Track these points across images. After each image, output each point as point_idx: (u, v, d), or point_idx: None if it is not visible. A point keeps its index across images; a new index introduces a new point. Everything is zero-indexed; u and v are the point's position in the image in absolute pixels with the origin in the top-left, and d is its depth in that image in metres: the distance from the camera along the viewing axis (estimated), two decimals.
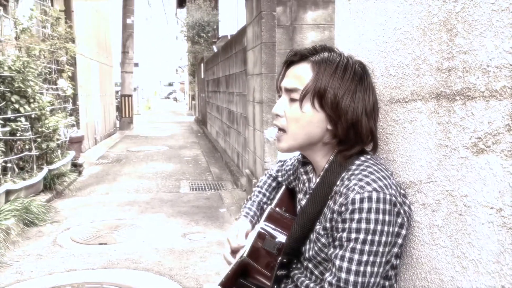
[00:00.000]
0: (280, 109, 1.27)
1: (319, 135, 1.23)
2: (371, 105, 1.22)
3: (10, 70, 5.11)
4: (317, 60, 1.22)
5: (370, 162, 1.20)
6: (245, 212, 1.60)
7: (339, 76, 1.19)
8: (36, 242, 4.34)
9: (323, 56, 1.24)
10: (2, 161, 4.95)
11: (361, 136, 1.21)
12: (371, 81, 1.25)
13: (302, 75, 1.22)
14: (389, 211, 1.09)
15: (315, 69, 1.21)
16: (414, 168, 1.19)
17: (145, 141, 12.57)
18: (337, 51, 1.29)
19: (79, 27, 9.59)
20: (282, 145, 1.29)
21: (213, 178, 7.46)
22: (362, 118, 1.19)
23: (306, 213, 1.27)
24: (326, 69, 1.20)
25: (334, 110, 1.18)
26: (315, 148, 1.28)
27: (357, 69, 1.23)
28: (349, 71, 1.20)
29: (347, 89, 1.18)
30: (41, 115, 5.86)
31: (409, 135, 1.20)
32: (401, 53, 1.21)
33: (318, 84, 1.18)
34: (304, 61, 1.25)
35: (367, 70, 1.27)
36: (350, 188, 1.12)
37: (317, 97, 1.19)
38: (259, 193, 1.65)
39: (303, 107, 1.21)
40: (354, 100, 1.18)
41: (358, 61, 1.26)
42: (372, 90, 1.24)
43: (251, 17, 5.39)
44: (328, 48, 1.28)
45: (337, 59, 1.22)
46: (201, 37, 17.07)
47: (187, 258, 3.89)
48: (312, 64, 1.22)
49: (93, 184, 6.99)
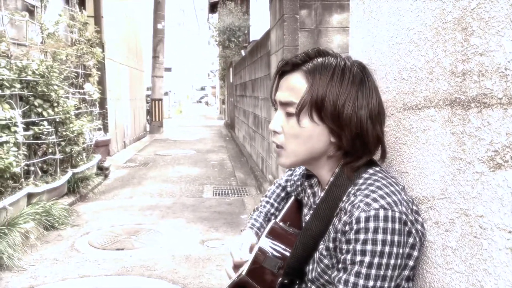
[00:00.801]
0: (277, 125, 1.16)
1: (322, 149, 1.13)
2: (376, 109, 1.10)
3: (34, 74, 5.16)
4: (310, 68, 1.11)
5: (379, 175, 1.09)
6: (251, 223, 1.50)
7: (337, 82, 1.08)
8: (54, 246, 4.34)
9: (317, 62, 1.12)
10: (24, 165, 4.98)
11: (368, 146, 1.10)
12: (373, 82, 1.13)
13: (296, 87, 1.11)
14: (398, 231, 0.98)
15: (309, 79, 1.09)
16: (427, 182, 1.07)
17: (173, 145, 12.62)
18: (333, 53, 1.16)
19: (108, 33, 9.70)
20: (283, 161, 1.18)
21: (237, 183, 7.37)
22: (368, 125, 1.08)
23: (309, 231, 1.16)
24: (321, 77, 1.08)
25: (336, 122, 1.07)
26: (319, 163, 1.18)
27: (356, 71, 1.11)
28: (347, 75, 1.09)
29: (347, 96, 1.07)
30: (65, 119, 5.91)
31: (422, 146, 1.09)
32: (414, 56, 1.11)
33: (315, 95, 1.07)
34: (296, 70, 1.13)
35: (368, 70, 1.14)
36: (355, 205, 1.01)
37: (315, 110, 1.08)
38: (267, 203, 1.54)
39: (301, 122, 1.10)
40: (356, 107, 1.07)
41: (357, 62, 1.15)
42: (375, 91, 1.12)
43: (275, 21, 5.29)
44: (323, 52, 1.15)
45: (333, 64, 1.10)
46: (231, 42, 17.13)
47: (203, 266, 3.79)
48: (305, 73, 1.11)
49: (117, 188, 7.02)
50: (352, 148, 1.09)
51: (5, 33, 4.92)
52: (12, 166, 4.21)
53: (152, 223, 5.07)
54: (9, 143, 4.38)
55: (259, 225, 1.47)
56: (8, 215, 4.36)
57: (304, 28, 4.79)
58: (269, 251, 1.27)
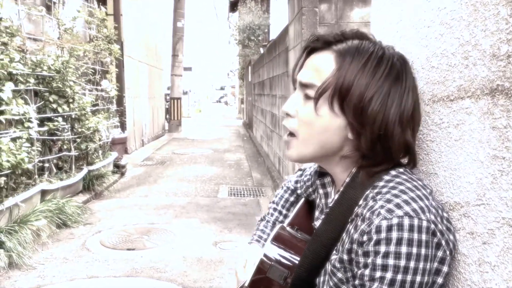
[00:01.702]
0: (291, 107, 1.01)
1: (337, 146, 0.98)
2: (409, 112, 0.94)
3: (50, 69, 5.11)
4: (343, 49, 0.95)
5: (402, 177, 0.93)
6: (258, 235, 1.35)
7: (369, 71, 0.92)
8: (65, 245, 4.26)
9: (351, 44, 0.96)
10: (38, 161, 4.93)
11: (390, 152, 0.94)
12: (412, 81, 0.97)
13: (322, 67, 0.96)
14: (426, 243, 0.83)
15: (338, 61, 0.94)
16: (461, 185, 0.92)
17: (191, 144, 12.57)
18: (373, 38, 1.01)
19: (127, 30, 9.69)
20: (291, 153, 1.03)
21: (253, 183, 7.23)
22: (395, 129, 0.92)
23: (320, 237, 1.01)
24: (353, 61, 0.93)
25: (358, 117, 0.92)
26: (332, 162, 1.03)
27: (395, 63, 0.95)
28: (383, 66, 0.93)
29: (377, 89, 0.92)
30: (81, 116, 5.86)
31: (454, 143, 0.95)
32: (445, 39, 0.97)
33: (340, 81, 0.92)
34: (327, 49, 0.98)
35: (408, 66, 0.98)
36: (374, 212, 0.86)
37: (337, 98, 0.93)
38: (275, 210, 1.39)
39: (318, 109, 0.95)
40: (385, 105, 0.92)
41: (398, 54, 0.98)
42: (413, 92, 0.96)
43: (293, 15, 5.14)
44: (361, 35, 1.00)
45: (370, 50, 0.94)
46: (251, 41, 17.02)
47: (214, 269, 3.66)
48: (335, 54, 0.96)
49: (133, 186, 6.96)
50: (371, 152, 0.94)
51: (21, 27, 4.87)
52: (24, 162, 4.15)
53: (165, 222, 4.97)
54: (22, 139, 4.32)
55: (267, 236, 1.33)
56: (20, 212, 4.31)
57: (323, 23, 4.62)
58: (274, 260, 1.12)
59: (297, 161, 1.04)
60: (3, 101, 4.10)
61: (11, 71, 4.31)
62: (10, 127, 4.38)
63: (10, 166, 3.98)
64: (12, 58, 4.31)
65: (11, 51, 4.38)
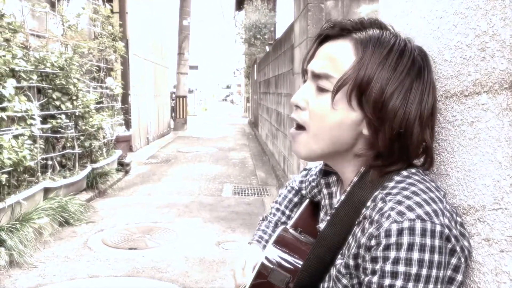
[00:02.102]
0: (301, 98, 0.94)
1: (349, 142, 0.91)
2: (429, 109, 0.89)
3: (53, 66, 5.06)
4: (364, 38, 0.88)
5: (415, 178, 0.87)
6: (258, 236, 1.29)
7: (391, 65, 0.86)
8: (67, 243, 4.22)
9: (372, 34, 0.89)
10: (41, 158, 4.89)
11: (408, 151, 0.88)
12: (432, 76, 0.91)
13: (339, 57, 0.89)
14: (439, 248, 0.77)
15: (359, 51, 0.87)
16: (475, 187, 0.86)
17: (196, 142, 12.53)
18: (392, 29, 0.94)
19: (133, 28, 9.65)
20: (299, 149, 0.96)
21: (258, 182, 7.17)
22: (414, 127, 0.86)
23: (325, 240, 0.94)
24: (374, 53, 0.86)
25: (377, 112, 0.86)
26: (343, 160, 0.96)
27: (417, 57, 0.89)
28: (406, 60, 0.87)
29: (399, 84, 0.86)
30: (84, 113, 5.81)
31: (469, 142, 0.88)
32: (460, 30, 0.91)
33: (361, 73, 0.86)
34: (344, 37, 0.91)
35: (429, 61, 0.92)
36: (384, 214, 0.80)
37: (356, 91, 0.86)
38: (277, 211, 1.33)
39: (335, 103, 0.88)
40: (406, 101, 0.86)
41: (418, 48, 0.92)
42: (433, 88, 0.90)
43: (299, 11, 5.06)
44: (380, 24, 0.93)
45: (391, 41, 0.88)
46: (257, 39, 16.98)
47: (216, 270, 3.59)
48: (355, 43, 0.88)
49: (137, 184, 6.91)
50: (388, 150, 0.87)
51: (24, 24, 4.83)
52: (25, 160, 4.11)
53: (168, 221, 4.92)
54: (24, 136, 4.28)
55: (268, 237, 1.28)
56: (22, 210, 4.27)
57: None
58: (276, 263, 1.06)
59: (306, 158, 0.97)
60: (5, 98, 4.05)
61: (14, 67, 4.27)
62: (12, 124, 4.33)
63: (11, 164, 3.94)
64: (14, 55, 4.26)
65: (14, 48, 4.34)
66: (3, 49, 4.10)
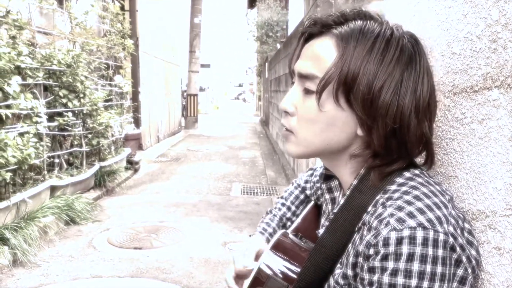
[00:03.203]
0: (289, 103, 0.89)
1: (344, 143, 0.86)
2: (425, 99, 0.82)
3: (60, 64, 5.03)
4: (344, 33, 0.82)
5: (418, 180, 0.81)
6: (262, 228, 1.25)
7: (377, 56, 0.80)
8: (72, 242, 4.18)
9: (354, 26, 0.83)
10: (47, 156, 4.86)
11: (406, 147, 0.82)
12: (426, 62, 0.84)
13: (322, 56, 0.84)
14: (442, 259, 0.71)
15: (340, 47, 0.82)
16: (486, 191, 0.79)
17: (206, 141, 12.49)
18: (378, 18, 0.86)
19: (143, 26, 9.62)
20: (292, 149, 0.91)
21: (267, 181, 7.08)
22: (411, 120, 0.80)
23: (323, 248, 0.88)
24: (357, 46, 0.80)
25: (367, 110, 0.80)
26: (339, 161, 0.90)
27: (406, 45, 0.82)
28: (393, 49, 0.80)
29: (388, 77, 0.79)
30: (92, 111, 5.78)
31: (478, 141, 0.82)
32: (469, 20, 0.84)
33: (345, 70, 0.80)
34: (326, 34, 0.85)
35: (421, 46, 0.85)
36: (383, 221, 0.74)
37: (342, 90, 0.81)
38: (283, 205, 1.29)
39: (322, 104, 0.82)
40: (398, 93, 0.80)
41: (408, 34, 0.85)
42: (428, 75, 0.83)
43: (308, 7, 4.97)
44: (364, 15, 0.86)
45: (376, 31, 0.81)
46: (269, 37, 16.92)
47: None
48: (336, 38, 0.83)
49: (146, 183, 6.88)
50: (385, 149, 0.81)
51: (31, 21, 4.80)
52: (30, 158, 4.07)
53: (174, 221, 4.86)
54: (29, 134, 4.25)
55: (272, 230, 1.23)
56: (28, 208, 4.24)
57: None
58: (273, 270, 1.00)
59: (298, 157, 0.92)
60: (10, 95, 4.02)
61: (19, 65, 4.24)
62: (18, 121, 4.31)
63: (16, 162, 3.90)
64: (20, 52, 4.23)
65: (19, 45, 4.31)
66: (8, 46, 4.07)
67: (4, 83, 3.94)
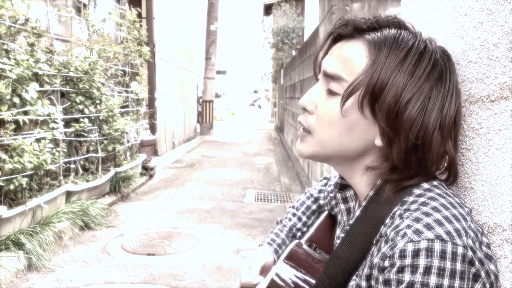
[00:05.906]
0: (310, 100, 0.87)
1: (360, 150, 0.84)
2: (452, 118, 0.80)
3: (76, 70, 5.09)
4: (378, 40, 0.80)
5: (436, 191, 0.78)
6: (270, 238, 1.23)
7: (408, 69, 0.78)
8: (86, 248, 4.20)
9: (388, 34, 0.81)
10: (64, 162, 4.91)
11: (426, 165, 0.80)
12: (456, 81, 0.83)
13: (352, 59, 0.82)
14: (461, 273, 0.69)
15: (372, 54, 0.80)
16: (503, 203, 0.77)
17: (221, 147, 12.51)
18: (412, 28, 0.85)
19: (160, 33, 9.69)
20: (303, 149, 0.89)
21: (281, 188, 7.05)
22: (434, 137, 0.78)
23: (339, 260, 0.86)
24: (389, 55, 0.78)
25: (391, 122, 0.78)
26: (353, 168, 0.88)
27: (438, 60, 0.80)
28: (425, 63, 0.78)
29: (417, 91, 0.77)
30: (108, 117, 5.83)
31: (495, 152, 0.80)
32: (486, 28, 0.82)
33: (374, 78, 0.78)
34: (358, 38, 0.83)
35: (452, 64, 0.83)
36: (399, 232, 0.72)
37: (369, 98, 0.79)
38: (293, 216, 1.26)
39: (345, 109, 0.80)
40: (425, 110, 0.78)
41: (440, 49, 0.83)
42: (456, 94, 0.82)
43: (323, 14, 4.95)
44: (398, 23, 0.85)
45: (409, 42, 0.79)
46: (285, 44, 16.94)
47: (234, 279, 3.49)
48: (368, 44, 0.80)
49: (160, 188, 6.90)
50: (404, 163, 0.78)
51: (49, 28, 4.87)
52: (46, 163, 4.12)
53: (188, 227, 4.86)
54: (46, 140, 4.30)
55: (281, 241, 1.21)
56: (43, 213, 4.28)
57: None
58: (286, 281, 0.98)
59: (308, 157, 0.90)
60: (27, 102, 4.08)
61: (37, 71, 4.30)
62: (35, 127, 4.36)
63: (32, 167, 3.95)
64: (37, 59, 4.29)
65: (38, 52, 4.37)
66: (26, 53, 4.13)
67: (22, 90, 3.99)
